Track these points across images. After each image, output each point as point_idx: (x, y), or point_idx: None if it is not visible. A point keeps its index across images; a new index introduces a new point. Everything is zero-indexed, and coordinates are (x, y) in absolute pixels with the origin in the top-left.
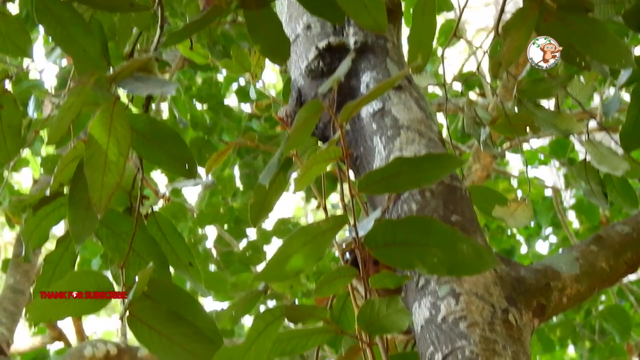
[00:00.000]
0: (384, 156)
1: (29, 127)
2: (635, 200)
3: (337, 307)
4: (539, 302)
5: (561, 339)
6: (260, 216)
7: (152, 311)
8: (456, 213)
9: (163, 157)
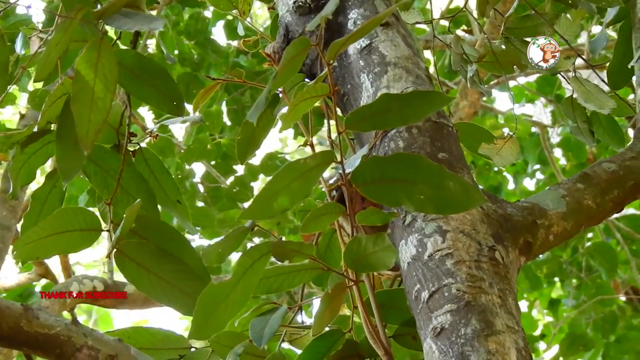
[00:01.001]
0: (371, 93)
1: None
2: (621, 138)
3: (324, 244)
4: (525, 240)
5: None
6: (248, 153)
7: (139, 248)
8: (443, 150)
9: (151, 93)
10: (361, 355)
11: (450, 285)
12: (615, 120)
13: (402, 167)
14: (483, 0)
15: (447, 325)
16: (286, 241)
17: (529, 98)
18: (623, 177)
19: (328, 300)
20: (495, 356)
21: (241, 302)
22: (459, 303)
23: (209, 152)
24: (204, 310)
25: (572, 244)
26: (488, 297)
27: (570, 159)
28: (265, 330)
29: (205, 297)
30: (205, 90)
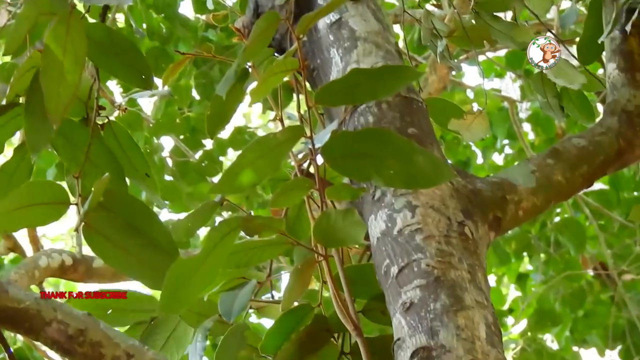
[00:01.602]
0: (340, 68)
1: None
2: (591, 113)
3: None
4: (495, 215)
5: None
6: (218, 127)
7: (108, 222)
8: (413, 125)
9: (120, 67)
10: (330, 330)
11: (420, 261)
12: (585, 95)
13: (372, 142)
14: None
15: (417, 300)
16: (255, 216)
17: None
18: (592, 153)
19: (297, 275)
20: (465, 331)
21: (210, 276)
22: (428, 278)
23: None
24: (172, 285)
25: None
26: (457, 273)
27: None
28: (235, 304)
29: (173, 272)
30: (175, 65)
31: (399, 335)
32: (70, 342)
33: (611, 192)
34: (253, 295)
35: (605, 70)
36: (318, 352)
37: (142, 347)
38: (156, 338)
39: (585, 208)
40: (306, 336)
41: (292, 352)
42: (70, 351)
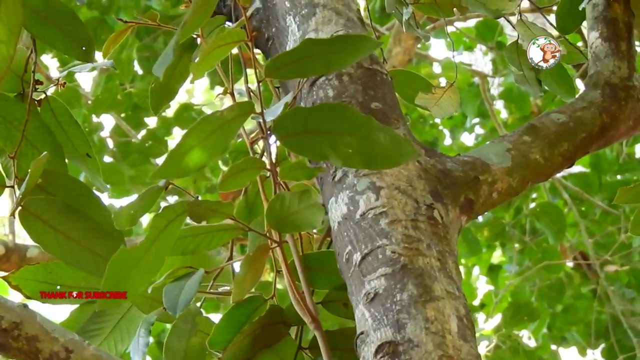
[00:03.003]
0: (297, 37)
1: None
2: (571, 87)
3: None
4: (466, 197)
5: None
6: (162, 102)
7: (46, 205)
8: (376, 99)
9: (58, 37)
10: (287, 323)
11: (385, 247)
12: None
13: (327, 117)
14: None
15: (382, 290)
16: (203, 200)
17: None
18: (573, 129)
19: (249, 263)
20: (434, 324)
21: (155, 266)
22: (394, 266)
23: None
24: (114, 277)
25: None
26: (426, 260)
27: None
28: (180, 297)
29: (115, 263)
30: (116, 35)
31: (362, 329)
32: (4, 336)
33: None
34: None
35: (587, 40)
36: (273, 346)
37: (83, 341)
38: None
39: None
40: (260, 329)
41: (244, 345)
42: (4, 346)
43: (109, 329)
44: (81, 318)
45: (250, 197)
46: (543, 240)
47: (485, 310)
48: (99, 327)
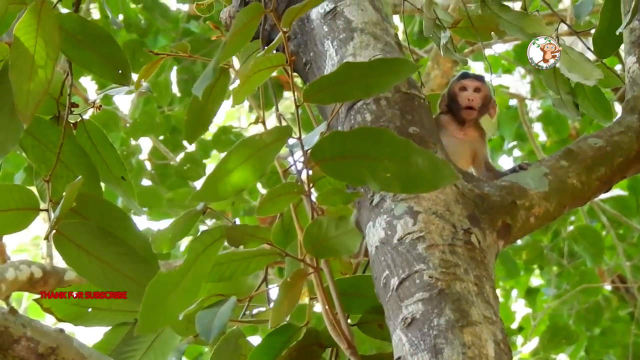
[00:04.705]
0: (336, 62)
1: None
2: (608, 110)
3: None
4: (504, 222)
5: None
6: (197, 131)
7: (80, 229)
8: (414, 124)
9: (94, 60)
10: (322, 345)
11: (422, 272)
12: (602, 91)
13: (366, 142)
14: None
15: (419, 315)
16: (240, 225)
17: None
18: (610, 154)
19: (287, 289)
20: (471, 349)
21: (192, 291)
22: (431, 291)
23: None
24: (152, 301)
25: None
26: (463, 285)
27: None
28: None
29: (153, 287)
30: (150, 66)
31: (399, 354)
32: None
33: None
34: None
35: (624, 64)
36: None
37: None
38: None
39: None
40: (296, 352)
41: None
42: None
43: (143, 350)
44: (114, 340)
45: (286, 220)
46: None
47: (523, 334)
48: (132, 348)
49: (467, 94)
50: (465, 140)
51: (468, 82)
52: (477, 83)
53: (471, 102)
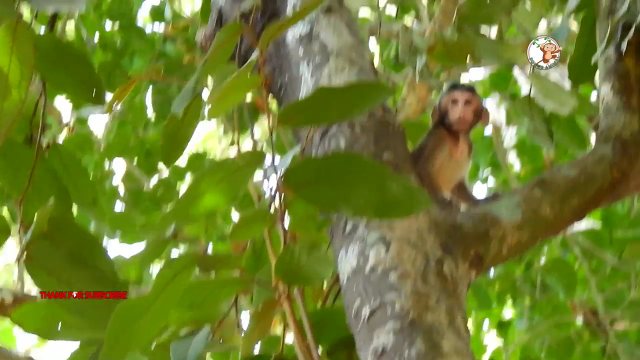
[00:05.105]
0: (310, 86)
1: None
2: (582, 140)
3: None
4: (476, 252)
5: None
6: (174, 155)
7: (51, 253)
8: (388, 150)
9: (69, 81)
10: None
11: (394, 302)
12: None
13: (339, 167)
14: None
15: (390, 346)
16: (212, 252)
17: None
18: (584, 184)
19: (257, 317)
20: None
21: (160, 318)
22: (402, 321)
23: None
24: (118, 327)
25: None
26: (435, 316)
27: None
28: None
29: (120, 313)
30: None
31: None
32: None
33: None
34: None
35: (599, 93)
36: None
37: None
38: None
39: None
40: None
41: None
42: None
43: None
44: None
45: (257, 245)
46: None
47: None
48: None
49: (459, 107)
50: (459, 159)
51: (458, 95)
52: (468, 95)
53: (463, 114)
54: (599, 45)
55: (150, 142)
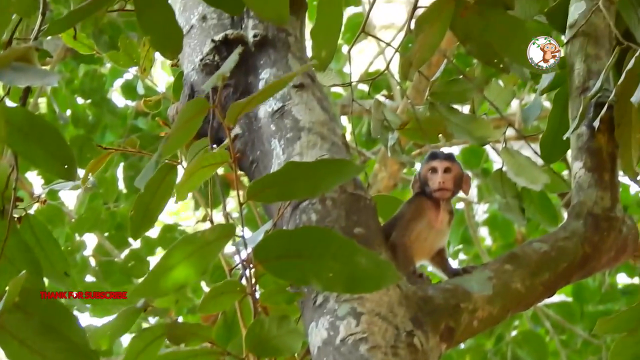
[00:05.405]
0: (282, 161)
1: None
2: (554, 216)
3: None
4: (447, 325)
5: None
6: (142, 228)
7: (23, 324)
8: (359, 224)
9: (41, 155)
10: None
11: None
12: (548, 197)
13: (310, 242)
14: (406, 63)
15: None
16: (182, 323)
17: None
18: (555, 259)
19: None
20: None
21: None
22: None
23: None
24: None
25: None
26: None
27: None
28: None
29: None
30: (97, 160)
31: None
32: None
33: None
34: None
35: (571, 170)
36: None
37: None
38: None
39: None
40: None
41: None
42: None
43: None
44: None
45: (228, 316)
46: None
47: None
48: None
49: (438, 176)
50: (440, 229)
51: (437, 164)
52: (447, 163)
53: (443, 184)
54: (572, 122)
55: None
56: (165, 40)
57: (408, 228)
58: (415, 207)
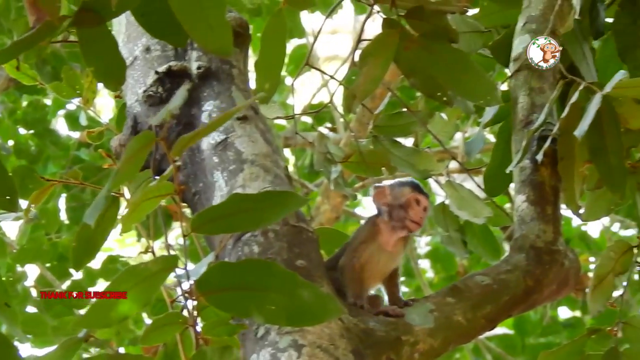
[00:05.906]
0: (225, 193)
1: None
2: (497, 249)
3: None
4: (388, 357)
5: None
6: (85, 259)
7: None
8: (301, 257)
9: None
10: None
11: None
12: (491, 230)
13: (252, 274)
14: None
15: None
16: (123, 354)
17: None
18: (497, 292)
19: None
20: None
21: None
22: None
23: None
24: None
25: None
26: None
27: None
28: None
29: None
30: (39, 192)
31: None
32: None
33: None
34: None
35: (513, 203)
36: None
37: None
38: None
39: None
40: None
41: None
42: None
43: None
44: None
45: (170, 348)
46: None
47: None
48: None
49: (420, 210)
50: (393, 253)
51: (422, 199)
52: (427, 202)
53: (421, 219)
54: (514, 156)
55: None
56: (109, 71)
57: (358, 250)
58: (370, 229)
